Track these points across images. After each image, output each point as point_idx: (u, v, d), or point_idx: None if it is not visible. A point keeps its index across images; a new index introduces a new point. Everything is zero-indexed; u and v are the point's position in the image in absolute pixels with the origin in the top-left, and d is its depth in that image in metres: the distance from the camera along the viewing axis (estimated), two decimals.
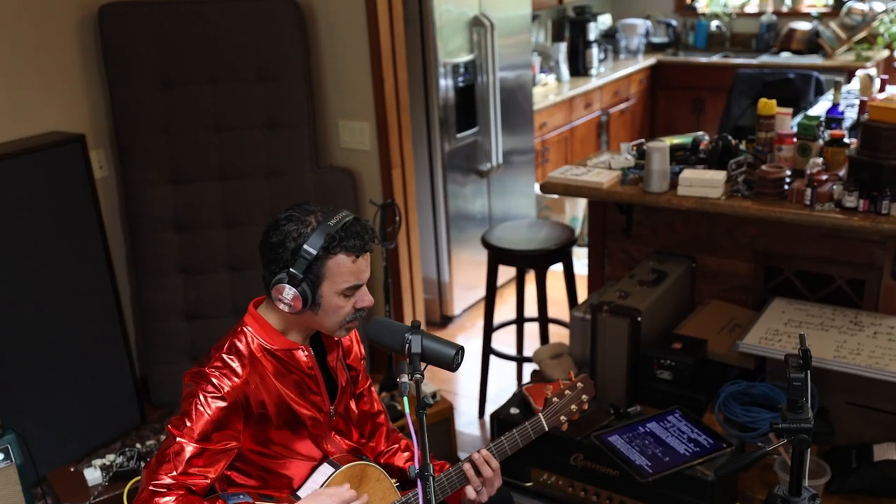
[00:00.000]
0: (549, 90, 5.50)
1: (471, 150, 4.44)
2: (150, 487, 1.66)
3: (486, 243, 3.42)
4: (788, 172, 2.62)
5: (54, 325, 3.27)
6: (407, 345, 1.71)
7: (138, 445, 2.64)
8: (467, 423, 3.64)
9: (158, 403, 3.85)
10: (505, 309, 4.40)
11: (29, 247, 3.16)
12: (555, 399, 2.06)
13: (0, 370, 3.08)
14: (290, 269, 1.73)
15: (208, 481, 1.72)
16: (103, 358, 3.50)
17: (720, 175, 2.68)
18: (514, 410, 2.60)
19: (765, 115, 2.76)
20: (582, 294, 3.53)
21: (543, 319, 3.44)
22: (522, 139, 4.87)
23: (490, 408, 3.71)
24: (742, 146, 2.87)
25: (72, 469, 2.59)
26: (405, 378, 1.61)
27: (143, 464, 2.56)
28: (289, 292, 1.73)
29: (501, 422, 2.59)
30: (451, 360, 1.71)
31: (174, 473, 1.67)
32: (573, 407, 2.06)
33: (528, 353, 3.88)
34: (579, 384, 2.09)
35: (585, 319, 2.99)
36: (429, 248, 4.39)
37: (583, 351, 3.03)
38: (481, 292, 4.67)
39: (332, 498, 1.75)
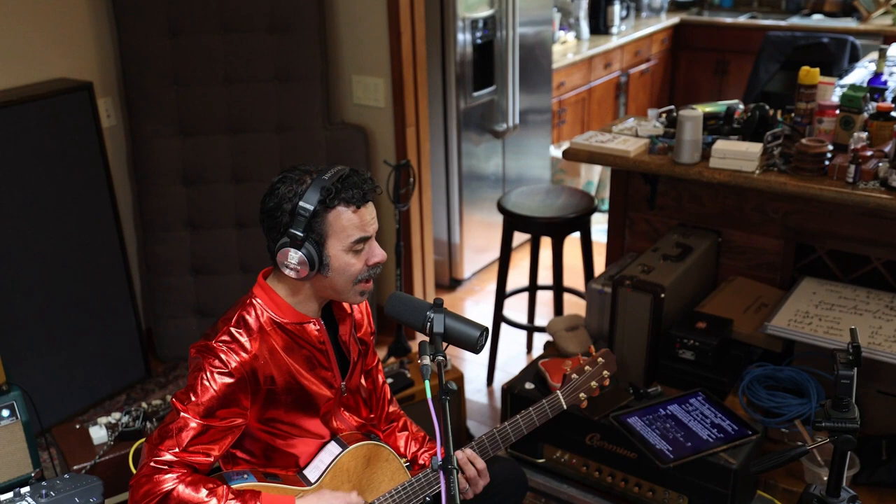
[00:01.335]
0: (567, 48, 5.32)
1: (487, 109, 4.30)
2: (152, 463, 1.59)
3: (501, 209, 3.30)
4: (830, 147, 2.48)
5: (60, 276, 3.20)
6: (428, 324, 1.62)
7: (144, 405, 2.57)
8: (475, 390, 3.57)
9: (163, 357, 3.79)
10: (516, 274, 4.30)
11: (35, 196, 3.07)
12: (574, 375, 1.96)
13: (5, 322, 3.02)
14: (291, 231, 1.63)
15: (211, 459, 1.64)
16: (109, 311, 3.43)
17: (756, 147, 2.55)
18: (528, 385, 2.51)
19: (806, 84, 2.62)
20: (599, 263, 3.43)
21: (558, 289, 3.34)
22: (540, 99, 4.72)
23: (499, 375, 3.64)
24: (779, 117, 2.74)
25: (77, 426, 2.54)
26: (427, 360, 1.51)
27: (148, 424, 2.50)
28: (294, 256, 1.63)
29: (515, 397, 2.50)
30: (475, 342, 1.62)
31: (176, 450, 1.59)
32: (593, 383, 1.97)
33: (538, 321, 3.80)
34: (600, 359, 1.99)
35: (604, 292, 2.89)
36: (440, 210, 4.28)
37: (599, 324, 2.94)
38: (492, 255, 4.58)
39: (339, 500, 1.68)
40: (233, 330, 1.67)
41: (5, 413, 2.17)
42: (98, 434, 2.45)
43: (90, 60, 3.37)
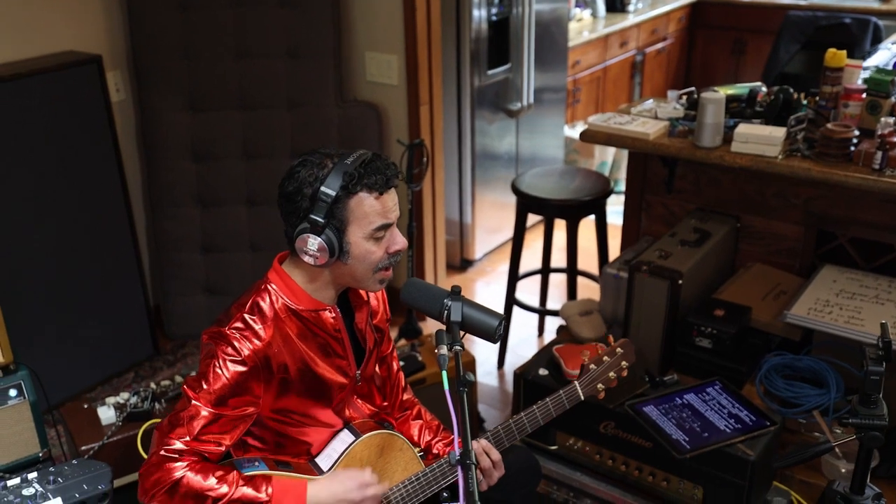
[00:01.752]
0: (583, 26, 5.23)
1: (501, 87, 4.23)
2: (162, 452, 1.55)
3: (516, 190, 3.25)
4: (856, 132, 2.42)
5: (67, 252, 3.17)
6: (446, 312, 1.57)
7: (153, 385, 2.54)
8: (486, 373, 3.54)
9: (171, 335, 3.77)
10: (527, 256, 4.26)
11: (42, 171, 3.04)
12: (592, 366, 1.93)
13: (12, 297, 2.98)
14: (311, 216, 1.58)
15: (223, 449, 1.61)
16: (117, 287, 3.40)
17: (780, 132, 2.48)
18: (542, 372, 2.47)
19: (832, 66, 2.54)
20: (613, 246, 3.38)
21: (572, 272, 3.30)
22: (555, 77, 4.65)
23: (510, 358, 3.60)
24: (803, 100, 2.67)
25: (85, 406, 2.51)
26: (444, 350, 1.47)
27: (157, 405, 2.47)
28: (313, 242, 1.59)
29: (529, 383, 2.46)
30: (494, 332, 1.58)
31: (187, 439, 1.56)
32: (611, 374, 1.93)
33: (550, 304, 3.76)
34: (619, 349, 1.96)
35: (619, 277, 2.85)
36: (452, 189, 4.22)
37: (614, 309, 2.89)
38: (504, 236, 4.53)
39: (352, 481, 1.65)
40: (246, 316, 1.62)
41: (13, 393, 2.15)
42: (106, 414, 2.42)
43: (99, 33, 3.31)
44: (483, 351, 3.66)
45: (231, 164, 3.50)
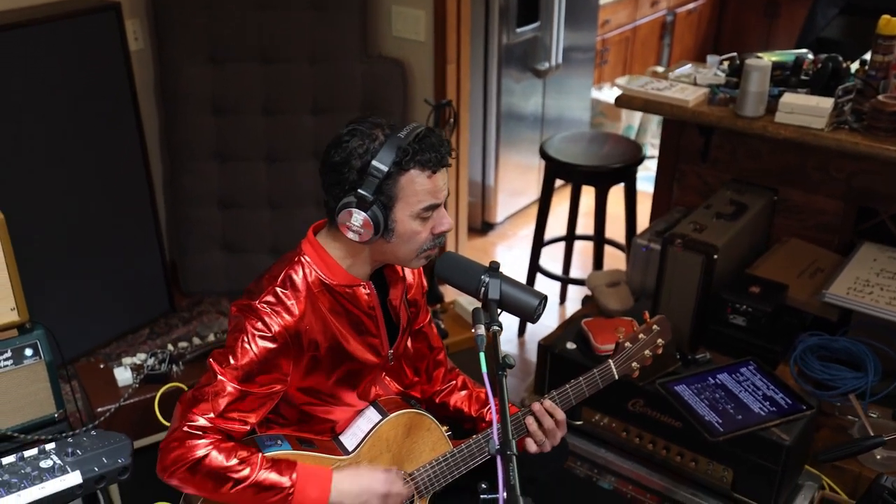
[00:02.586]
0: None
1: (529, 46, 4.10)
2: (185, 428, 1.49)
3: (544, 154, 3.15)
4: None
5: (83, 205, 3.11)
6: (483, 289, 1.50)
7: (170, 347, 2.49)
8: (506, 340, 3.48)
9: (188, 291, 3.72)
10: (550, 221, 4.16)
11: (58, 120, 2.95)
12: (627, 344, 1.85)
13: (26, 251, 2.92)
14: (359, 191, 1.49)
15: (248, 427, 1.55)
16: (133, 242, 3.35)
17: (827, 103, 2.37)
18: (570, 345, 2.40)
19: (885, 34, 2.41)
20: (642, 215, 3.29)
21: (599, 241, 3.21)
22: (584, 36, 4.50)
23: (530, 326, 3.54)
24: (852, 69, 2.54)
25: (101, 366, 2.46)
26: (481, 330, 1.40)
27: (174, 367, 2.42)
28: (358, 217, 1.50)
29: (556, 356, 2.40)
30: (533, 311, 1.50)
31: (211, 416, 1.50)
32: (647, 352, 1.86)
33: (573, 273, 3.68)
34: (655, 327, 1.88)
35: (649, 248, 2.76)
36: (475, 150, 4.12)
37: (642, 281, 2.82)
38: (526, 199, 4.44)
39: (380, 476, 1.60)
40: (278, 290, 1.54)
41: (28, 352, 2.08)
42: (123, 376, 2.37)
43: None
44: (502, 318, 3.59)
45: (251, 119, 3.41)
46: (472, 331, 1.41)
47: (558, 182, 3.22)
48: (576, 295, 3.67)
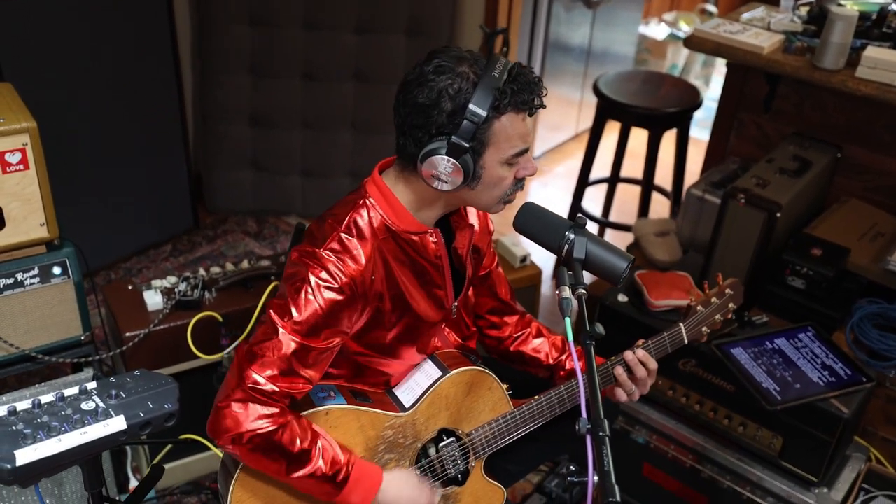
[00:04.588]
0: None
1: None
2: (249, 385, 1.38)
3: (597, 91, 3.00)
4: None
5: (110, 113, 2.99)
6: (567, 246, 1.39)
7: (202, 272, 2.38)
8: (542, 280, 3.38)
9: (213, 209, 3.63)
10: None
11: (88, 28, 2.80)
12: (700, 307, 1.77)
13: (56, 162, 2.81)
14: (453, 138, 1.35)
15: (311, 386, 1.45)
16: (160, 156, 3.24)
17: None
18: (622, 298, 2.31)
19: None
20: (692, 162, 3.16)
21: (648, 186, 3.09)
22: None
23: None
24: None
25: (129, 287, 2.36)
26: (566, 292, 1.29)
27: (206, 294, 2.32)
28: (448, 165, 1.36)
29: (607, 309, 2.31)
30: (620, 275, 1.40)
31: (274, 374, 1.39)
32: (718, 317, 1.78)
33: (613, 217, 3.56)
34: (728, 290, 1.79)
35: (703, 199, 2.65)
36: None
37: (692, 233, 2.71)
38: (564, 135, 4.30)
39: (424, 495, 1.56)
40: (343, 236, 1.42)
41: (56, 271, 1.98)
42: (153, 300, 2.26)
43: None
44: (536, 258, 3.50)
45: (289, 32, 3.25)
46: (556, 293, 1.31)
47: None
48: (614, 240, 3.56)
